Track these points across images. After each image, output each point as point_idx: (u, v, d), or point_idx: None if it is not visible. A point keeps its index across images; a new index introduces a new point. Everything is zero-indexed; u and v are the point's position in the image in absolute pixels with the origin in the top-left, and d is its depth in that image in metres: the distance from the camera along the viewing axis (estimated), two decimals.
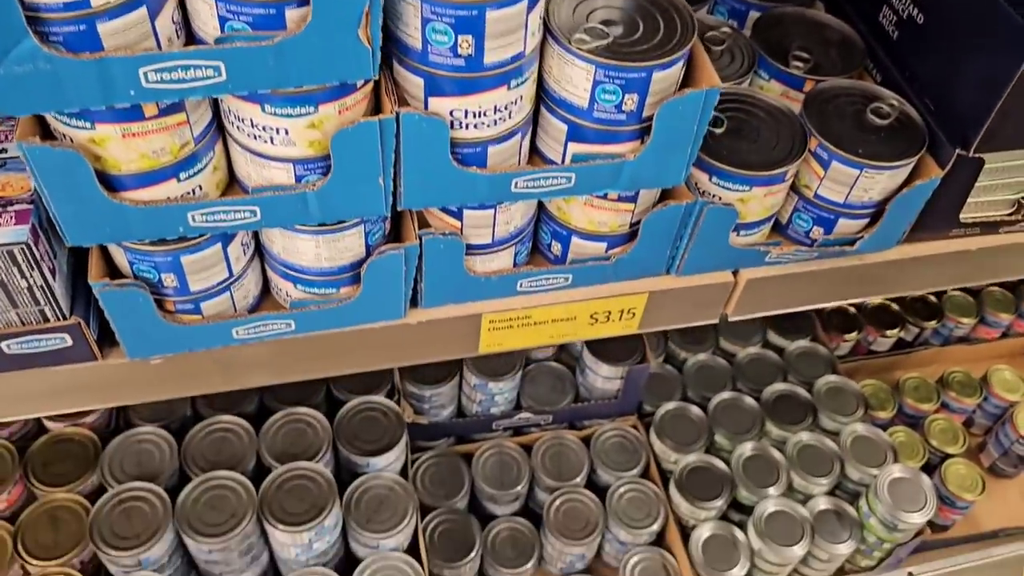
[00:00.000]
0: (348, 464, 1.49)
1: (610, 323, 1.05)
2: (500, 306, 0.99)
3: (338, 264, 0.89)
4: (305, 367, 0.97)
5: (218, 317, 0.89)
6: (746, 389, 1.87)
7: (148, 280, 0.84)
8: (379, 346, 0.98)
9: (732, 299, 1.08)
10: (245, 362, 0.94)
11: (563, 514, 1.68)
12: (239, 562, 1.35)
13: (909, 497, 1.65)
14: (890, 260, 1.10)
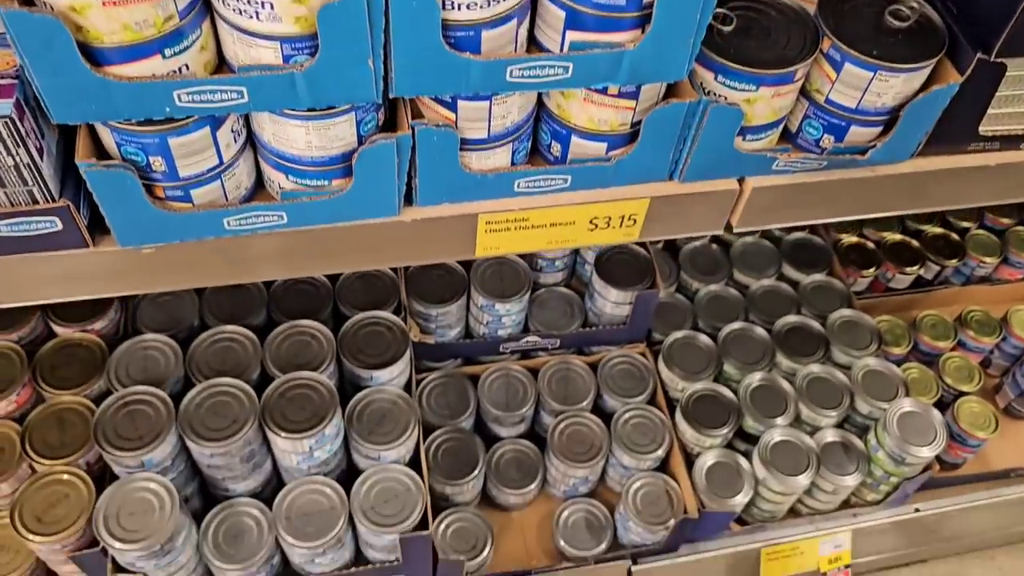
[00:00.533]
0: (352, 377, 1.49)
1: (610, 229, 1.02)
2: (497, 207, 0.97)
3: (329, 154, 0.87)
4: (299, 263, 0.96)
5: (209, 206, 0.88)
6: (758, 321, 1.85)
7: (136, 163, 0.83)
8: (374, 244, 0.97)
9: (737, 208, 1.05)
10: (237, 256, 0.93)
11: (567, 437, 1.68)
12: (241, 468, 1.37)
13: (918, 431, 1.63)
14: (904, 173, 1.06)
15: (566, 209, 0.99)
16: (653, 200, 1.01)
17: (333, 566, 1.44)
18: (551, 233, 1.01)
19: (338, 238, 0.94)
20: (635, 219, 1.02)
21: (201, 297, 1.59)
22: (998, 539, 1.96)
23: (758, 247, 1.99)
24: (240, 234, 0.91)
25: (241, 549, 1.39)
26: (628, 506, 1.64)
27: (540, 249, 1.02)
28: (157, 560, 1.30)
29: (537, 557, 1.73)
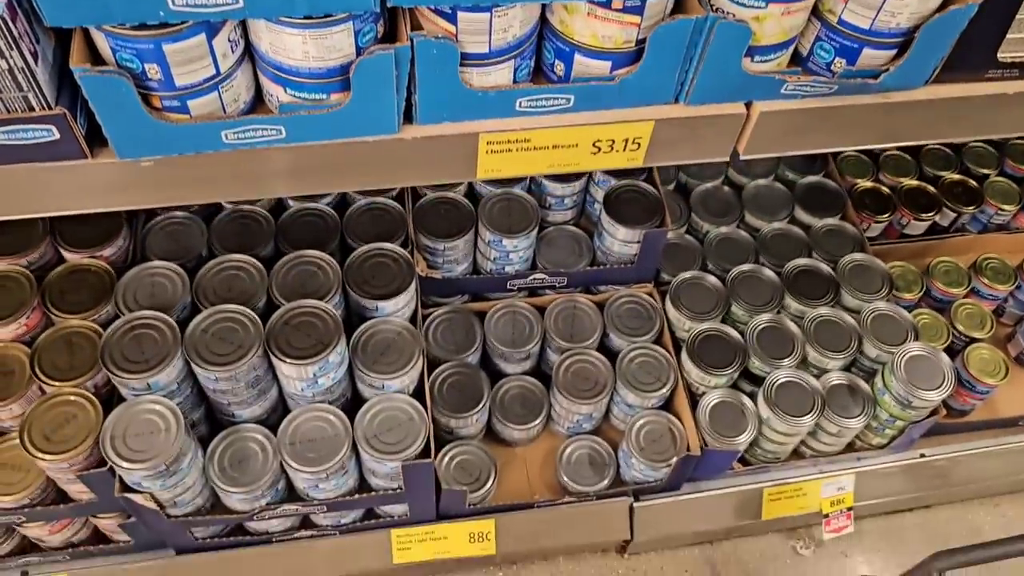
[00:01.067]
0: (357, 308, 1.50)
1: (614, 153, 1.01)
2: (498, 126, 0.95)
3: (327, 65, 0.86)
4: (298, 181, 0.96)
5: (206, 118, 0.88)
6: (768, 264, 1.83)
7: (131, 70, 0.82)
8: (374, 163, 0.96)
9: (744, 134, 1.03)
10: (234, 172, 0.93)
11: (572, 374, 1.69)
12: (246, 393, 1.38)
13: (926, 375, 1.62)
14: (917, 100, 1.03)
15: (569, 131, 0.98)
16: (658, 123, 0.99)
17: (337, 492, 1.45)
18: (553, 156, 1.00)
19: (338, 155, 0.94)
20: (639, 143, 1.01)
21: (209, 227, 1.59)
22: (1003, 486, 1.96)
23: (771, 190, 1.97)
24: (239, 148, 0.90)
25: (246, 473, 1.41)
26: (631, 443, 1.64)
27: (542, 172, 1.01)
28: (163, 481, 1.32)
29: (540, 491, 1.74)
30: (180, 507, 1.42)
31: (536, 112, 0.96)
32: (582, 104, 0.96)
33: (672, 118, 0.99)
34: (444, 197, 1.67)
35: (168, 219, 1.58)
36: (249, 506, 1.44)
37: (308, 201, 1.65)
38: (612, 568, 1.80)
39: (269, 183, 0.95)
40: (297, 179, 0.95)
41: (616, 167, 1.03)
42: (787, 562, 1.85)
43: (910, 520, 1.93)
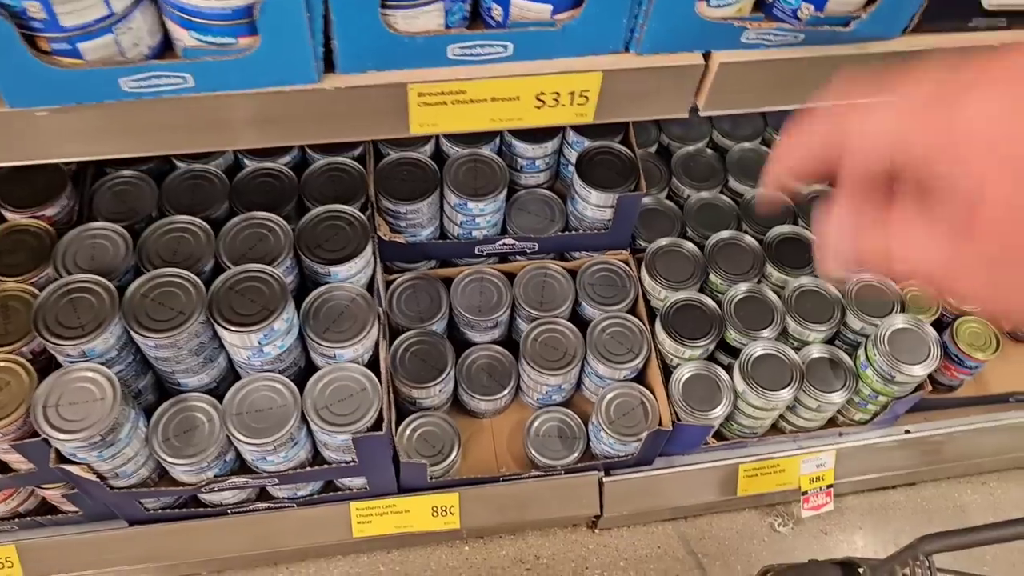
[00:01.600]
0: (311, 273, 1.43)
1: (560, 107, 0.93)
2: (430, 76, 0.88)
3: (231, 5, 0.78)
4: (209, 135, 0.88)
5: (102, 63, 0.80)
6: (751, 231, 1.75)
7: (9, 8, 0.74)
8: (294, 115, 0.88)
9: (703, 87, 0.94)
10: (137, 124, 0.85)
11: (541, 344, 1.62)
12: (190, 361, 1.32)
13: (911, 349, 1.54)
14: (894, 52, 0.95)
15: (508, 82, 0.90)
16: (607, 74, 0.91)
17: (287, 464, 1.40)
18: (493, 109, 0.92)
19: (253, 106, 0.86)
20: (587, 96, 0.93)
21: (160, 186, 1.52)
22: (991, 464, 1.89)
23: (756, 154, 1.88)
24: (143, 97, 0.83)
25: (191, 444, 1.35)
26: (601, 416, 1.58)
27: (483, 127, 0.93)
28: (100, 451, 1.26)
29: (507, 465, 1.68)
30: (123, 478, 1.37)
31: (471, 61, 0.88)
32: (522, 53, 0.88)
33: (622, 69, 0.90)
34: (408, 158, 1.60)
35: (116, 178, 1.52)
36: (196, 478, 1.39)
37: (265, 160, 1.57)
38: (582, 544, 1.75)
39: (174, 137, 0.87)
40: (207, 133, 0.87)
41: (564, 123, 0.95)
42: (764, 540, 1.79)
43: (892, 498, 1.87)
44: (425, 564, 1.71)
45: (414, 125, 0.92)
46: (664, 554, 1.75)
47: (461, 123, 0.93)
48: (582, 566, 1.72)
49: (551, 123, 0.95)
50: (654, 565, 1.73)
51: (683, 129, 1.91)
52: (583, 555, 1.74)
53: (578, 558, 1.73)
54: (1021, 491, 1.89)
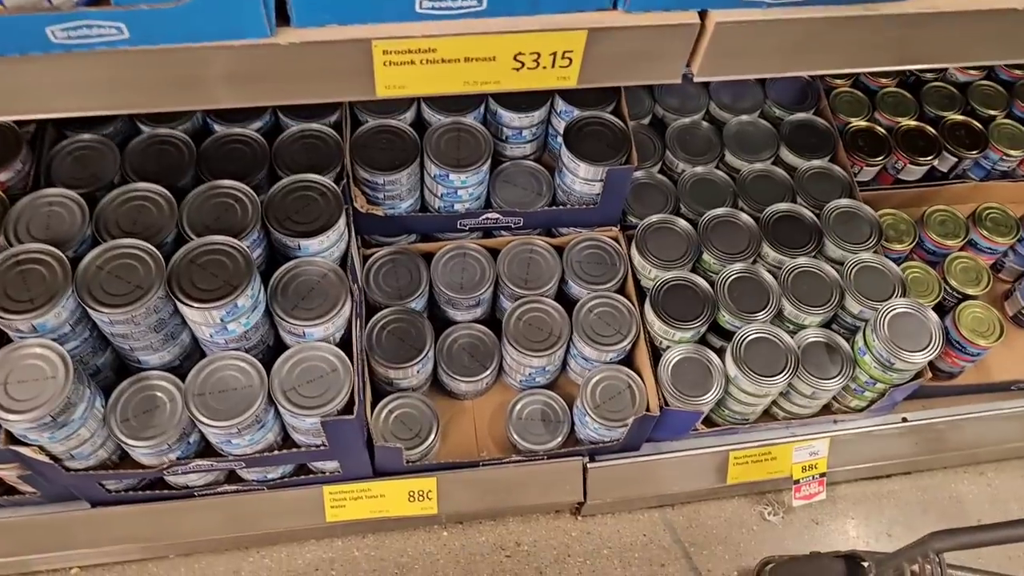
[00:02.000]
0: (280, 247, 1.35)
1: (540, 70, 0.85)
2: (396, 32, 0.79)
3: None
4: (147, 94, 0.80)
5: (25, 10, 0.71)
6: (747, 208, 1.67)
7: None
8: (245, 73, 0.80)
9: (699, 50, 0.86)
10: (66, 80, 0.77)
11: (525, 323, 1.55)
12: (150, 338, 1.25)
13: (911, 335, 1.47)
14: (909, 14, 0.87)
15: (483, 40, 0.81)
16: (592, 33, 0.82)
17: (253, 447, 1.33)
18: (467, 70, 0.84)
19: (198, 62, 0.77)
20: (570, 58, 0.84)
21: (123, 153, 1.43)
22: (990, 455, 1.83)
23: (755, 127, 1.80)
24: (72, 50, 0.74)
25: (151, 425, 1.28)
26: (586, 400, 1.51)
27: (457, 90, 0.85)
28: (51, 433, 1.19)
29: (488, 448, 1.62)
30: (79, 460, 1.30)
31: (441, 15, 0.79)
32: (497, 7, 0.80)
33: (608, 27, 0.82)
34: (386, 125, 1.51)
35: (76, 142, 1.43)
36: (157, 460, 1.32)
37: (235, 126, 1.49)
38: (565, 530, 1.69)
39: (109, 96, 0.79)
40: (146, 92, 0.79)
41: (545, 87, 0.87)
42: (753, 529, 1.73)
43: (887, 487, 1.81)
44: (402, 550, 1.65)
45: (380, 87, 0.84)
46: (649, 542, 1.69)
47: (432, 85, 0.84)
48: (564, 553, 1.66)
49: (531, 87, 0.87)
50: (639, 553, 1.67)
51: (679, 100, 1.82)
52: (566, 542, 1.68)
53: (560, 545, 1.67)
54: (1020, 482, 1.84)
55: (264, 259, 1.37)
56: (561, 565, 1.65)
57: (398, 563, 1.64)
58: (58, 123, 1.45)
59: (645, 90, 1.82)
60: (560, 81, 0.87)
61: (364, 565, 1.63)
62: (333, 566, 1.63)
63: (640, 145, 1.74)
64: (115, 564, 1.61)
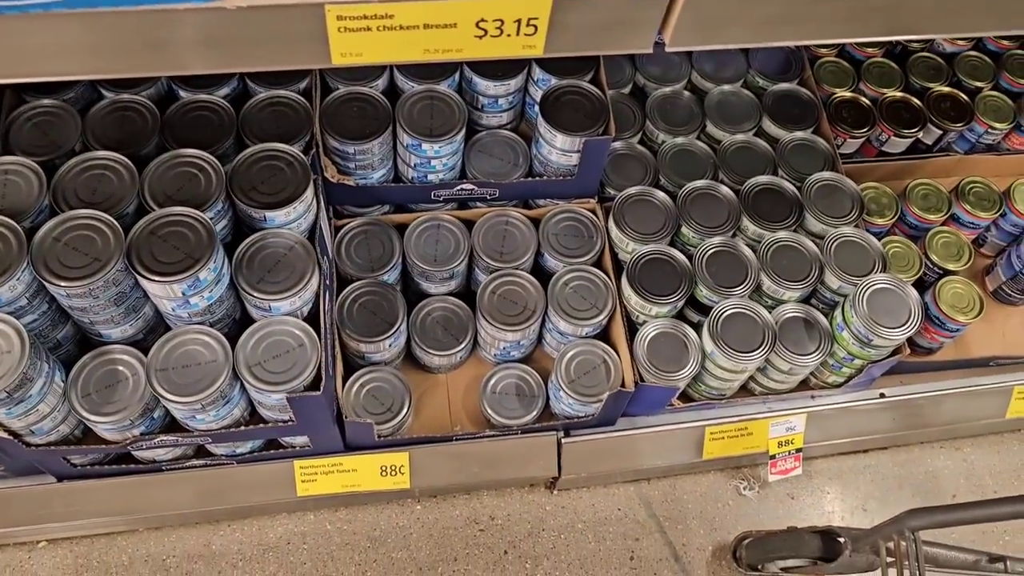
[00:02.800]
0: (246, 218, 1.31)
1: (504, 38, 0.81)
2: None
3: None
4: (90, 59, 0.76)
5: None
6: (727, 180, 1.64)
7: None
8: (191, 38, 0.76)
9: (670, 18, 0.82)
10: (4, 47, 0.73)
11: (499, 297, 1.52)
12: (110, 311, 1.21)
13: (890, 311, 1.46)
14: None
15: (443, 5, 0.77)
16: None
17: (219, 423, 1.30)
18: (427, 38, 0.80)
19: (135, 27, 0.73)
20: (535, 25, 0.80)
21: (84, 119, 1.39)
22: (967, 430, 1.83)
23: (737, 97, 1.76)
24: (4, 13, 0.70)
25: (113, 401, 1.25)
26: (560, 375, 1.49)
27: (416, 58, 0.81)
28: (8, 408, 1.16)
29: (462, 423, 1.60)
30: (40, 435, 1.27)
31: None
32: None
33: None
34: (358, 93, 1.47)
35: (36, 108, 1.38)
36: (120, 435, 1.29)
37: (201, 92, 1.44)
38: (539, 505, 1.68)
39: (54, 61, 0.75)
40: (88, 57, 0.75)
41: (509, 55, 0.83)
42: (729, 503, 1.72)
43: (863, 462, 1.80)
44: (374, 523, 1.64)
45: (336, 54, 0.80)
46: (624, 516, 1.68)
47: (390, 53, 0.81)
48: (538, 527, 1.66)
49: (495, 55, 0.83)
50: (613, 528, 1.67)
51: (660, 69, 1.78)
52: (540, 516, 1.67)
53: (534, 519, 1.66)
54: (996, 458, 1.84)
55: (229, 231, 1.33)
56: (535, 539, 1.64)
57: (371, 537, 1.63)
58: (17, 87, 1.40)
59: (626, 58, 1.78)
60: (526, 50, 0.83)
61: (336, 539, 1.62)
62: (305, 540, 1.62)
63: (619, 115, 1.70)
64: (83, 537, 1.59)
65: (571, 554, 1.63)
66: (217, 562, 1.59)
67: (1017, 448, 1.85)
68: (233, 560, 1.59)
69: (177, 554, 1.59)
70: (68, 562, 1.57)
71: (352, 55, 0.80)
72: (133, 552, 1.59)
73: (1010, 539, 1.73)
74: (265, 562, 1.59)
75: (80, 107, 1.40)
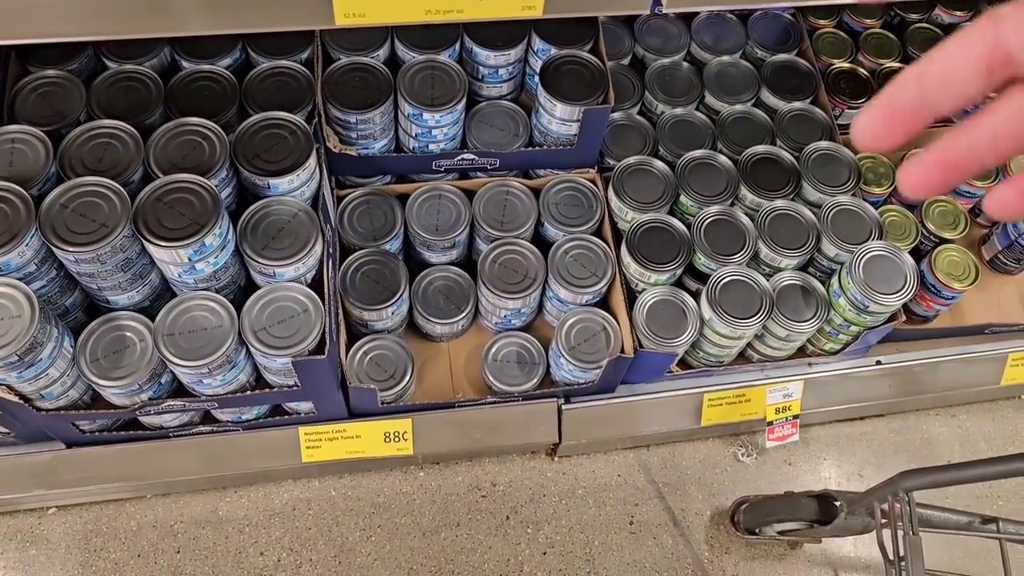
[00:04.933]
0: (250, 186, 1.33)
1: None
2: None
3: None
4: (90, 19, 0.77)
5: None
6: (726, 151, 1.66)
7: None
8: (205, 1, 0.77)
9: None
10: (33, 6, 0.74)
11: (500, 266, 1.54)
12: (117, 277, 1.23)
13: (886, 278, 1.47)
14: None
15: None
16: None
17: (226, 388, 1.33)
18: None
19: None
20: None
21: (89, 89, 1.40)
22: (963, 397, 1.85)
23: (736, 68, 1.77)
24: None
25: (121, 365, 1.27)
26: (560, 342, 1.51)
27: (418, 19, 0.83)
28: (19, 372, 1.18)
29: (464, 390, 1.62)
30: (49, 400, 1.29)
31: None
32: None
33: None
34: (359, 63, 1.48)
35: (41, 78, 1.39)
36: (128, 400, 1.31)
37: (204, 63, 1.45)
38: (540, 471, 1.71)
39: (52, 24, 0.76)
40: (89, 18, 0.77)
41: (510, 16, 0.85)
42: (727, 469, 1.75)
43: (860, 429, 1.83)
44: (378, 489, 1.67)
45: (339, 15, 0.82)
46: (624, 482, 1.71)
47: (392, 14, 0.82)
48: (539, 494, 1.68)
49: (495, 16, 0.85)
50: (613, 493, 1.69)
51: (660, 40, 1.79)
52: (541, 482, 1.69)
53: (535, 485, 1.69)
54: (990, 424, 1.86)
55: (234, 199, 1.35)
56: (536, 505, 1.67)
57: (375, 503, 1.66)
58: (22, 58, 1.42)
59: (625, 30, 1.79)
60: (526, 11, 0.85)
61: (341, 504, 1.65)
62: (310, 506, 1.65)
63: (619, 86, 1.71)
64: (92, 504, 1.62)
65: (572, 519, 1.66)
66: (224, 527, 1.62)
67: (1012, 414, 1.88)
68: (240, 526, 1.62)
69: (185, 520, 1.62)
70: (77, 528, 1.60)
71: (355, 16, 0.82)
72: (141, 518, 1.62)
73: (1004, 503, 1.75)
74: (271, 527, 1.62)
75: (84, 78, 1.42)
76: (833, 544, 1.67)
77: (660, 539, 1.66)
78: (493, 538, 1.63)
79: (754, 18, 1.84)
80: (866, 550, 1.68)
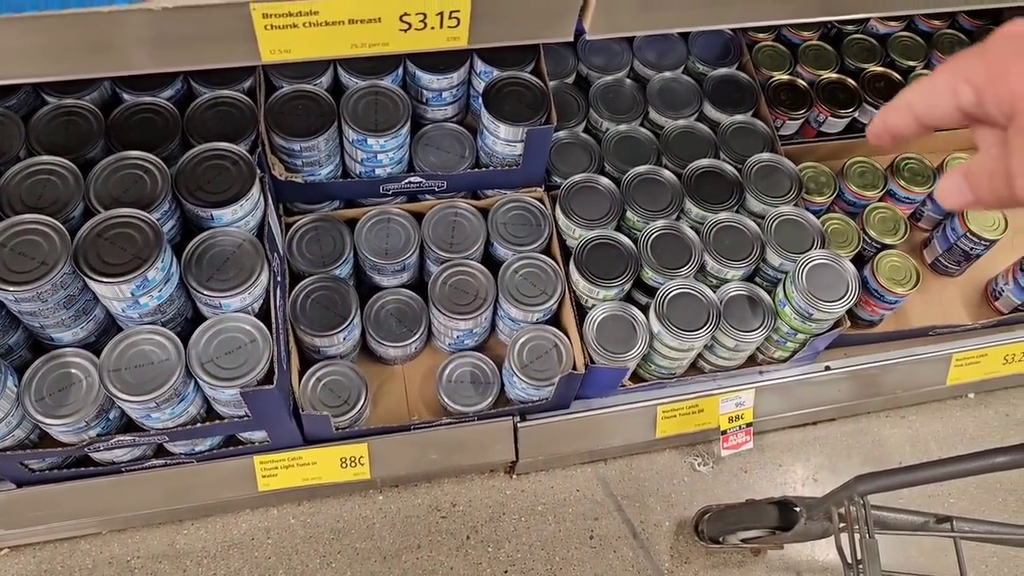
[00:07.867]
0: (193, 217, 1.32)
1: (429, 30, 0.84)
2: None
3: None
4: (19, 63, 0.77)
5: None
6: (671, 165, 1.69)
7: None
8: (119, 40, 0.78)
9: (589, 5, 0.86)
10: None
11: (451, 287, 1.55)
12: (60, 315, 1.22)
13: (829, 285, 1.51)
14: None
15: (366, 0, 0.80)
16: None
17: (175, 421, 1.32)
18: (353, 32, 0.83)
19: (66, 32, 0.75)
20: (458, 17, 0.83)
21: (28, 125, 1.39)
22: (911, 399, 1.89)
23: (679, 83, 1.80)
24: None
25: (67, 403, 1.26)
26: (513, 361, 1.52)
27: (344, 53, 0.84)
28: None
29: (420, 412, 1.63)
30: None
31: None
32: None
33: None
34: (302, 90, 1.48)
35: None
36: (76, 438, 1.30)
37: (145, 94, 1.45)
38: (500, 489, 1.71)
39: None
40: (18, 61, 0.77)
41: (436, 47, 0.86)
42: (684, 480, 1.77)
43: (812, 434, 1.86)
44: (337, 515, 1.66)
45: (265, 51, 0.82)
46: (583, 497, 1.72)
47: (319, 48, 0.83)
48: (499, 512, 1.69)
49: (421, 48, 0.86)
50: (572, 508, 1.70)
51: (603, 58, 1.82)
52: (500, 500, 1.70)
53: (495, 504, 1.70)
54: (939, 424, 1.90)
55: (178, 231, 1.35)
56: (496, 523, 1.68)
57: (334, 528, 1.65)
58: None
59: (569, 49, 1.82)
60: (451, 41, 0.86)
61: (300, 532, 1.64)
62: (269, 535, 1.64)
63: (564, 104, 1.74)
64: (46, 543, 1.60)
65: (532, 536, 1.67)
66: (182, 561, 1.60)
67: (959, 413, 1.92)
68: (198, 558, 1.61)
69: (142, 555, 1.60)
70: (31, 568, 1.58)
71: (281, 51, 0.83)
72: (97, 555, 1.60)
73: (955, 501, 1.79)
74: (230, 558, 1.61)
75: (23, 113, 1.41)
76: (792, 549, 1.70)
77: (620, 552, 1.67)
78: (454, 559, 1.64)
79: (695, 34, 1.88)
80: (824, 554, 1.70)
